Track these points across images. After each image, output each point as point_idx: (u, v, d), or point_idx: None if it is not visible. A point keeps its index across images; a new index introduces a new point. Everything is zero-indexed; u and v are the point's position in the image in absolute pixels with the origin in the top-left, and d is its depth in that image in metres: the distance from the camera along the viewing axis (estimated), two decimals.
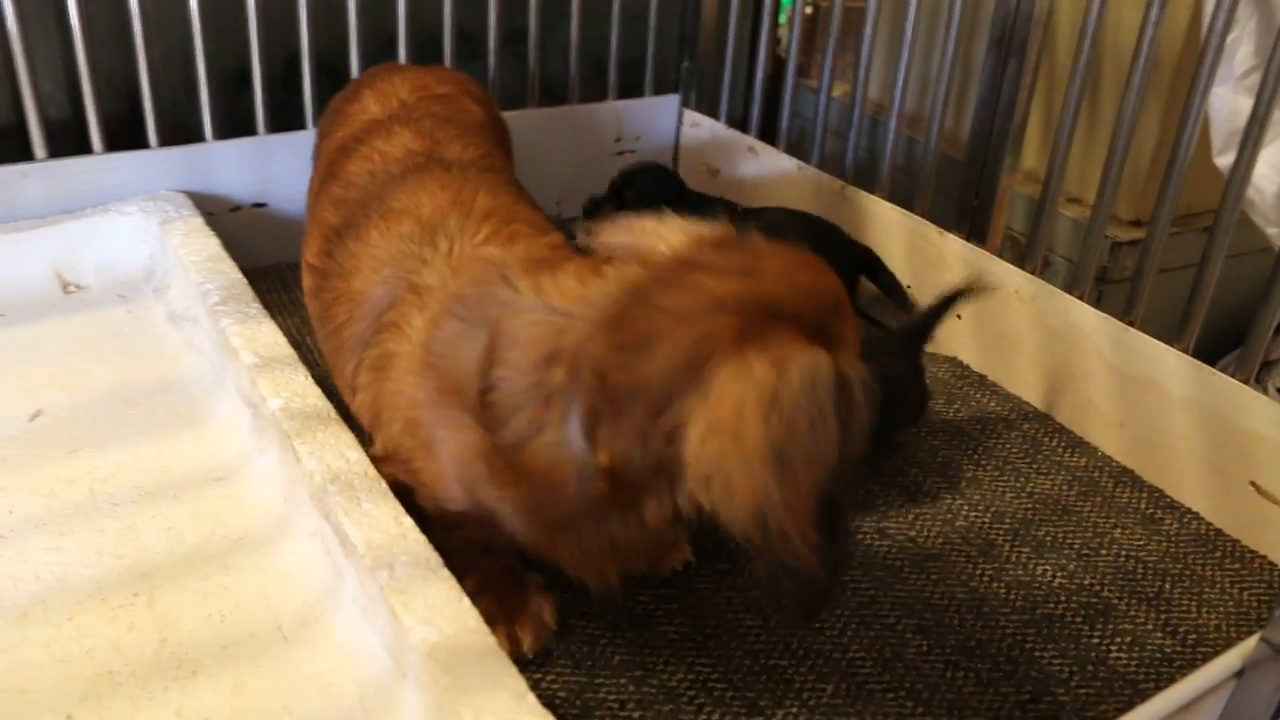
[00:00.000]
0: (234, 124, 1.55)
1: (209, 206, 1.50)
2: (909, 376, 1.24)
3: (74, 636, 0.91)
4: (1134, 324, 1.27)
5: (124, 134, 1.49)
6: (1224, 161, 1.38)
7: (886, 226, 1.55)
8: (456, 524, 0.92)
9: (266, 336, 1.17)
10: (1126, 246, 1.61)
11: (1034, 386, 1.38)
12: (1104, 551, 1.13)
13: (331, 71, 1.60)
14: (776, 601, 0.96)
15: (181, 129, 1.53)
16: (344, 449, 0.99)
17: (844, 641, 0.99)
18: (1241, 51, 1.36)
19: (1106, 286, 1.61)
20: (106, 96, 1.48)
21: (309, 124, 1.59)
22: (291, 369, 1.11)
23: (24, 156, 1.43)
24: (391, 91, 1.27)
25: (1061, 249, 1.67)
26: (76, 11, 1.39)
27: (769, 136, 1.80)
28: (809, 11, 2.04)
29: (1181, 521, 1.19)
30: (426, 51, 1.65)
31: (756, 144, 1.78)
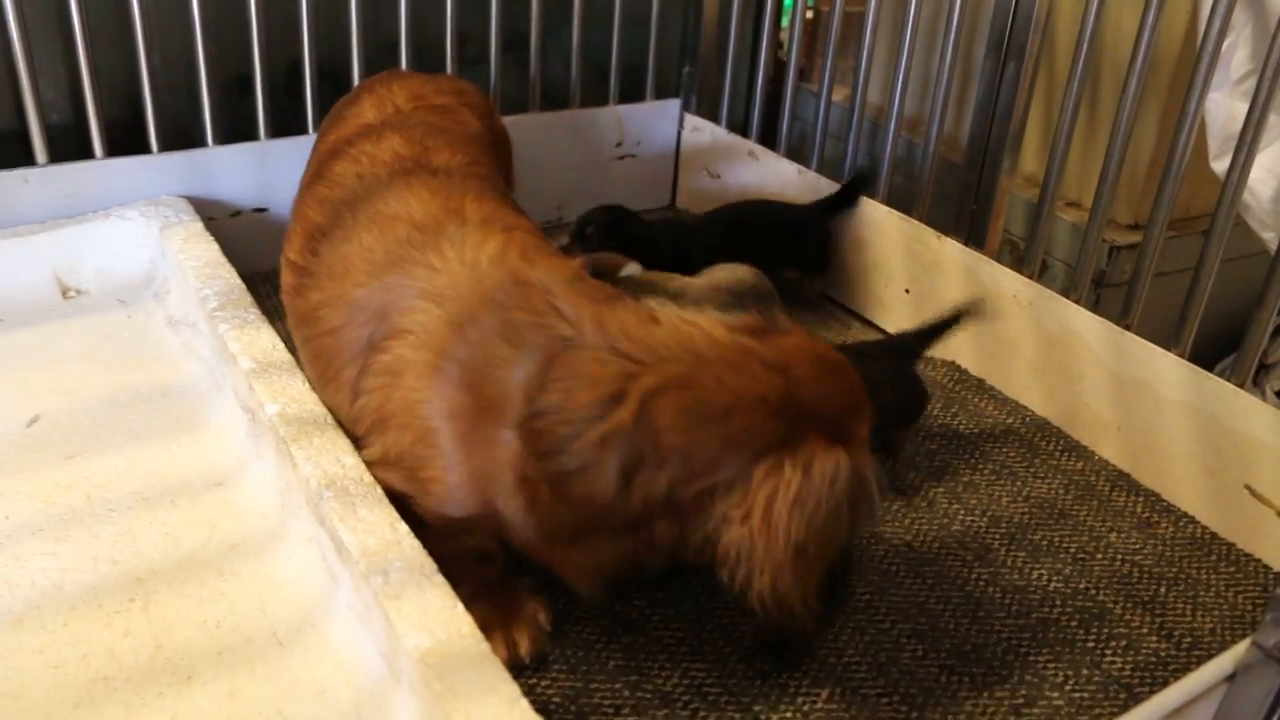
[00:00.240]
0: (235, 129, 1.55)
1: (209, 211, 1.51)
2: (887, 385, 1.22)
3: (69, 642, 0.91)
4: (1131, 328, 1.27)
5: (125, 139, 1.49)
6: (1220, 166, 1.38)
7: (885, 231, 1.55)
8: (455, 531, 0.93)
9: (264, 342, 1.17)
10: (1124, 250, 1.61)
11: (1031, 390, 1.38)
12: (1099, 555, 1.13)
13: (333, 77, 1.60)
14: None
15: (183, 134, 1.54)
16: (340, 454, 0.99)
17: (839, 646, 0.99)
18: (1238, 56, 1.37)
19: (1104, 290, 1.62)
20: (108, 101, 1.48)
21: (310, 129, 1.59)
22: (289, 375, 1.11)
23: (25, 161, 1.43)
24: (389, 98, 1.28)
25: (1060, 253, 1.67)
26: (78, 16, 1.39)
27: (769, 141, 1.80)
28: (810, 16, 2.04)
29: (1177, 525, 1.19)
30: (428, 57, 1.65)
31: (757, 148, 1.79)
